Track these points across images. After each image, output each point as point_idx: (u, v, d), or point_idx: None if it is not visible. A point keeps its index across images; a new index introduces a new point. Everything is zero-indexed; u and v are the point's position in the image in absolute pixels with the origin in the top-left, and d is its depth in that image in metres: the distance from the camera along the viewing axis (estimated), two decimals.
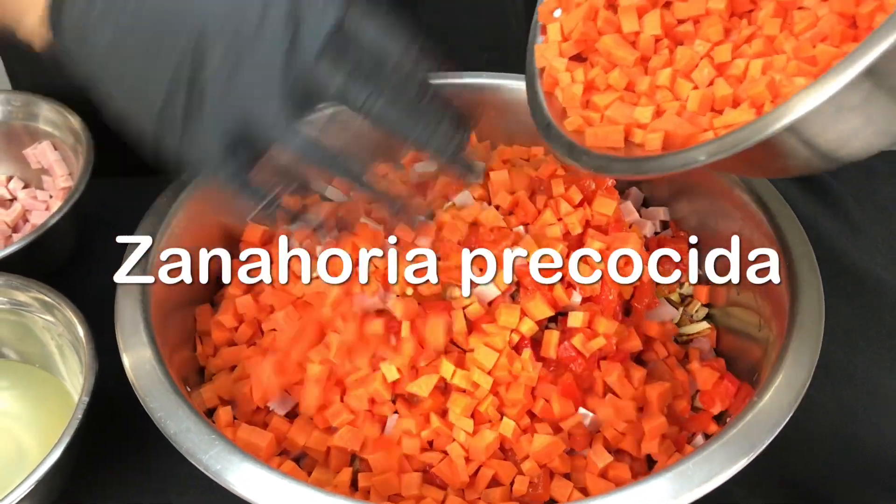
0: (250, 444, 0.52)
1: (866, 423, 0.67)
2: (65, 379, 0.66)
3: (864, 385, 0.69)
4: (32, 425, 0.64)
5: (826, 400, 0.67)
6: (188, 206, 0.61)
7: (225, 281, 0.63)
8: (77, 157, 0.79)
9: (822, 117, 0.39)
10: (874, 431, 0.66)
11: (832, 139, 0.41)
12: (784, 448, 0.63)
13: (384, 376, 0.54)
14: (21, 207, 0.82)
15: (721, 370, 0.58)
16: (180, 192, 0.61)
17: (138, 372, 0.50)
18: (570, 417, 0.54)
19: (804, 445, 0.65)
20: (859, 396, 0.68)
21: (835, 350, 0.69)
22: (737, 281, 0.59)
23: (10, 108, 0.82)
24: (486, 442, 0.52)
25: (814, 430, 0.66)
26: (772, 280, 0.56)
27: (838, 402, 0.68)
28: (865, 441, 0.66)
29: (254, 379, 0.55)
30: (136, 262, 0.57)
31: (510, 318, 0.55)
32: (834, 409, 0.67)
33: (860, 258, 0.78)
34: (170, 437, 0.46)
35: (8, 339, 0.67)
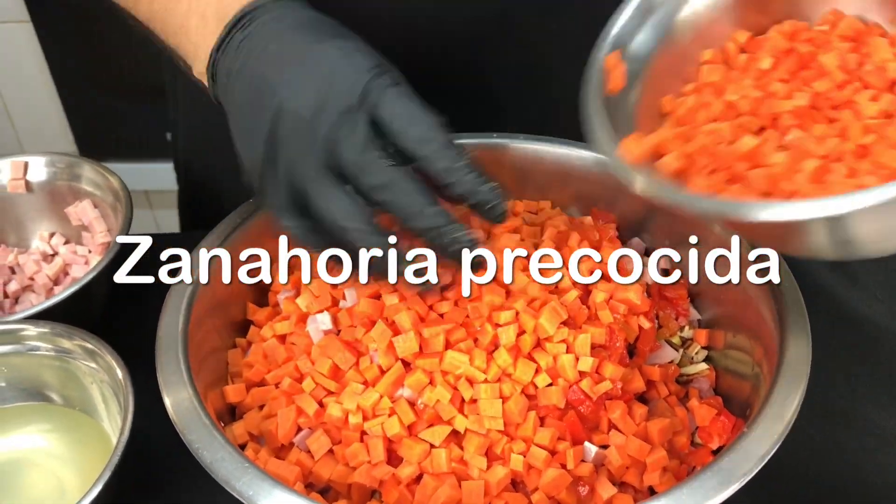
0: (279, 475, 0.56)
1: (867, 462, 0.70)
2: (104, 421, 0.70)
3: (864, 427, 0.72)
4: (73, 465, 0.68)
5: (827, 441, 0.70)
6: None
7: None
8: (116, 214, 0.84)
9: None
10: (875, 471, 0.69)
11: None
12: (784, 487, 0.67)
13: (401, 420, 0.57)
14: (62, 262, 0.87)
15: (718, 407, 0.62)
16: (216, 241, 0.66)
17: (178, 409, 0.54)
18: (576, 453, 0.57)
19: (804, 484, 0.68)
20: (860, 438, 0.71)
21: (835, 396, 0.73)
22: (737, 281, 0.62)
23: (54, 169, 0.88)
24: (498, 477, 0.56)
25: (813, 470, 0.69)
26: (772, 280, 0.59)
27: (838, 444, 0.71)
28: (866, 481, 0.68)
29: (280, 419, 0.59)
30: (135, 262, 0.64)
31: (525, 374, 0.58)
32: (834, 451, 0.70)
33: (859, 306, 0.81)
34: (206, 466, 0.50)
35: (53, 384, 0.71)
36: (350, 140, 0.54)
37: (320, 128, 0.54)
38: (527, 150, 0.76)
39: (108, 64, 1.81)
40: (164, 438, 0.61)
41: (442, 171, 0.54)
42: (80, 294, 0.75)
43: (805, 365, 0.56)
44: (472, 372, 0.58)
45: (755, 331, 0.63)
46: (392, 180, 0.53)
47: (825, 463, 0.70)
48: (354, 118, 0.54)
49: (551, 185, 0.77)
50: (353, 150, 0.54)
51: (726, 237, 0.66)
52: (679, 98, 0.60)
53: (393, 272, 0.55)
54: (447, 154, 0.54)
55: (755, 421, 0.52)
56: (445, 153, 0.54)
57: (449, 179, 0.54)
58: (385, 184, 0.53)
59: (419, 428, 0.58)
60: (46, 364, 0.70)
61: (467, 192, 0.55)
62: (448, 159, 0.54)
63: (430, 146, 0.54)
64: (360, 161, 0.53)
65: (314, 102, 0.54)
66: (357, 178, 0.54)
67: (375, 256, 0.54)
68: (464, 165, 0.54)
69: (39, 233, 0.90)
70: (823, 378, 0.62)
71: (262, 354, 0.64)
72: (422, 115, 0.54)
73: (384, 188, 0.53)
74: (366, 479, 0.57)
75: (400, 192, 0.53)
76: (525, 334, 0.59)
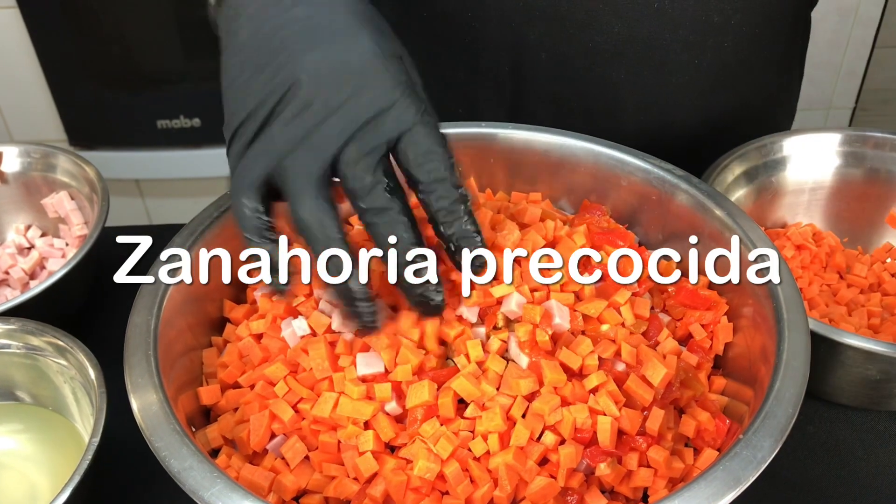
0: (253, 483, 0.54)
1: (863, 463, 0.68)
2: (77, 421, 0.68)
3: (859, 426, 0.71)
4: (45, 466, 0.66)
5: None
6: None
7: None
8: (92, 206, 0.82)
9: None
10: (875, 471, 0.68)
11: None
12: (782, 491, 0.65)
13: (377, 435, 0.55)
14: (38, 255, 0.85)
15: (714, 411, 0.59)
16: (189, 238, 0.63)
17: (145, 413, 0.51)
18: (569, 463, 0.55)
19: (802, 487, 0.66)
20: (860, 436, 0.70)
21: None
22: (737, 281, 0.61)
23: (29, 159, 0.86)
24: (481, 492, 0.53)
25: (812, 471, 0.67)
26: (771, 280, 0.58)
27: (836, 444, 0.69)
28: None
29: (252, 425, 0.57)
30: (135, 263, 0.59)
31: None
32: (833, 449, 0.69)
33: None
34: (173, 475, 0.48)
35: (23, 383, 0.69)
36: (363, 156, 0.52)
37: (335, 129, 0.52)
38: (516, 139, 0.73)
39: (97, 51, 1.78)
40: (137, 442, 0.58)
41: (442, 209, 0.53)
42: (56, 289, 0.72)
43: (804, 365, 0.53)
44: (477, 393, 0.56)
45: (752, 331, 0.60)
46: (389, 208, 0.52)
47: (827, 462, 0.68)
48: (373, 136, 0.52)
49: (541, 176, 0.74)
50: (362, 168, 0.51)
51: (721, 231, 0.64)
52: None
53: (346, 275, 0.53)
54: (453, 197, 0.53)
55: (753, 424, 0.50)
56: (452, 194, 0.53)
57: (445, 219, 0.54)
58: (378, 209, 0.52)
59: (401, 440, 0.55)
60: (16, 362, 0.68)
61: (456, 234, 0.54)
62: (453, 202, 0.53)
63: (440, 184, 0.53)
64: (366, 181, 0.52)
65: (336, 100, 0.52)
66: (355, 194, 0.52)
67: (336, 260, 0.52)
68: (466, 212, 0.54)
69: (15, 225, 0.88)
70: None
71: (237, 354, 0.62)
72: (440, 152, 0.53)
73: (376, 213, 0.52)
74: (339, 492, 0.54)
75: (392, 221, 0.52)
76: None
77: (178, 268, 0.60)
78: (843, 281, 0.81)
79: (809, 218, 0.85)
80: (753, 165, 0.81)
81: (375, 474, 0.54)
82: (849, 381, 0.68)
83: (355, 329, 0.59)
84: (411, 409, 0.55)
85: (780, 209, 0.84)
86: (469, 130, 0.74)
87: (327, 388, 0.57)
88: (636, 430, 0.55)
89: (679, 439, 0.58)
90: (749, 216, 0.64)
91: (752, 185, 0.81)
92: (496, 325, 0.60)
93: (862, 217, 0.85)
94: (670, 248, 0.70)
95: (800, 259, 0.80)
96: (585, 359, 0.57)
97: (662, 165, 0.69)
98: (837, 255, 0.82)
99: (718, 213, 0.65)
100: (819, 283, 0.79)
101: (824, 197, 0.85)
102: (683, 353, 0.61)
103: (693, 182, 0.68)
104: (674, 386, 0.58)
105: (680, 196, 0.68)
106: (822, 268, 0.81)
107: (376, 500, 0.53)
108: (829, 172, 0.84)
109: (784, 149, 0.83)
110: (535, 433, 0.55)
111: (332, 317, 0.60)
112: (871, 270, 0.81)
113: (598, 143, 0.72)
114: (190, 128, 1.83)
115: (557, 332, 0.59)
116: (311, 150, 0.52)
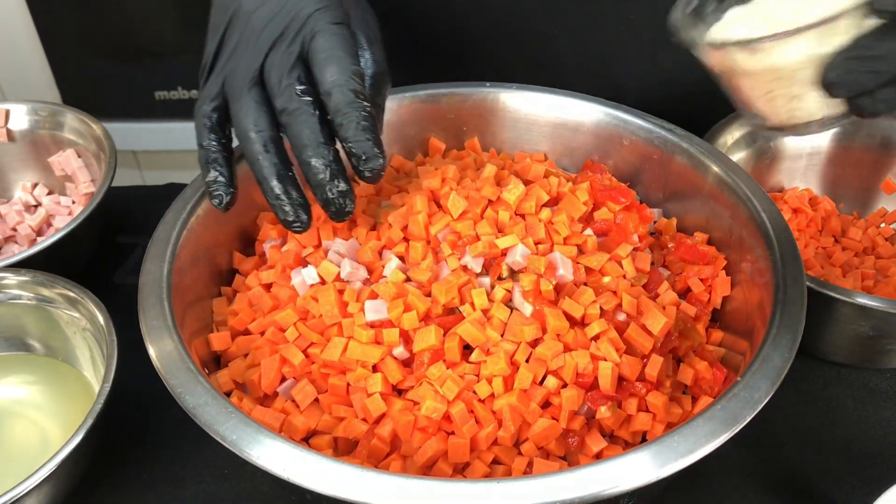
0: (264, 423, 0.54)
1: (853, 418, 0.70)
2: (87, 371, 0.69)
3: (851, 383, 0.73)
4: (56, 415, 0.67)
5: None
6: (207, 207, 0.64)
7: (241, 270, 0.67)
8: (100, 164, 0.82)
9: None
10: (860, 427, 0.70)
11: None
12: (775, 439, 0.67)
13: (385, 378, 0.56)
14: (45, 212, 0.85)
15: (711, 359, 0.61)
16: (200, 190, 0.64)
17: (161, 355, 0.52)
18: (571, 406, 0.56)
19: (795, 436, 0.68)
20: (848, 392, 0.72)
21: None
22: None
23: (36, 117, 0.86)
24: (486, 432, 0.55)
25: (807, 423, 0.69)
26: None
27: (828, 400, 0.71)
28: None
29: (263, 368, 0.58)
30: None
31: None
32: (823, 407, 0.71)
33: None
34: (189, 411, 0.49)
35: (35, 333, 0.70)
36: (279, 59, 0.56)
37: (264, 40, 0.57)
38: (520, 100, 0.74)
39: (96, 22, 1.77)
40: (148, 392, 0.60)
41: (338, 110, 0.55)
42: (63, 244, 0.73)
43: (801, 311, 0.55)
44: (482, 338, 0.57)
45: (750, 282, 0.62)
46: (298, 108, 0.55)
47: (819, 416, 0.70)
48: (290, 41, 0.56)
49: (544, 136, 0.75)
50: (277, 70, 0.56)
51: (719, 188, 0.66)
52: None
53: (272, 178, 0.56)
54: (349, 99, 0.54)
55: (750, 368, 0.51)
56: (348, 97, 0.55)
57: (339, 120, 0.55)
58: (290, 109, 0.55)
59: (408, 383, 0.57)
60: (28, 313, 0.69)
61: (350, 137, 0.55)
62: (348, 104, 0.54)
63: (338, 87, 0.55)
64: (280, 82, 0.56)
65: (266, 14, 0.57)
66: (272, 94, 0.56)
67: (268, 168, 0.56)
68: (359, 115, 0.55)
69: (22, 183, 0.89)
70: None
71: (247, 303, 0.63)
72: (344, 58, 0.55)
73: (288, 113, 0.55)
74: (348, 432, 0.56)
75: (301, 121, 0.55)
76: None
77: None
78: (837, 244, 0.82)
79: (806, 183, 0.87)
80: (752, 129, 0.82)
81: (383, 415, 0.55)
82: (843, 337, 0.70)
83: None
84: (418, 353, 0.57)
85: (777, 173, 0.86)
86: (472, 90, 0.75)
87: (336, 333, 0.58)
88: (636, 377, 0.57)
89: (677, 387, 0.60)
90: (749, 175, 0.66)
91: (750, 148, 0.82)
92: (500, 275, 0.61)
93: (858, 183, 0.86)
94: (671, 206, 0.72)
95: (796, 222, 0.82)
96: (587, 308, 0.59)
97: (664, 125, 0.70)
98: (833, 219, 0.83)
99: (717, 169, 0.66)
100: (815, 247, 0.80)
101: (821, 162, 0.86)
102: (682, 305, 0.63)
103: (695, 142, 0.69)
104: (672, 335, 0.60)
105: (680, 155, 0.69)
106: (817, 231, 0.83)
107: (384, 439, 0.54)
108: (827, 138, 0.85)
109: None
110: (538, 377, 0.56)
111: (341, 266, 0.61)
112: (865, 234, 0.82)
113: (601, 103, 0.73)
114: (188, 99, 1.82)
115: (561, 282, 0.61)
116: (245, 60, 0.57)
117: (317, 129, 0.55)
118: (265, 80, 0.57)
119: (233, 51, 0.59)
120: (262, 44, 0.57)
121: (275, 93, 0.56)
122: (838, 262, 0.79)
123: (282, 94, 0.55)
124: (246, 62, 0.57)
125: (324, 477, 0.45)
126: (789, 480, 0.65)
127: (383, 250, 0.63)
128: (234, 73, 0.57)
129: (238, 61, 0.58)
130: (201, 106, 0.59)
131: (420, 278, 0.60)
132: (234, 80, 0.57)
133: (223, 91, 0.58)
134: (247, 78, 0.57)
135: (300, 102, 0.55)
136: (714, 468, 0.65)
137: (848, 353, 0.72)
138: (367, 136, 0.54)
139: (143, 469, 0.66)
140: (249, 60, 0.57)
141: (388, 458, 0.55)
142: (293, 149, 0.56)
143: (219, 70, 0.59)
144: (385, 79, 0.61)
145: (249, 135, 0.56)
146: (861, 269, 0.78)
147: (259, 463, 0.46)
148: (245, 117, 0.56)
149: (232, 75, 0.58)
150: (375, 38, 0.61)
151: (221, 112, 0.59)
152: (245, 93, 0.56)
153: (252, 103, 0.56)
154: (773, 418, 0.68)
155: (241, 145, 0.57)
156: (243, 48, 0.58)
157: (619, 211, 0.67)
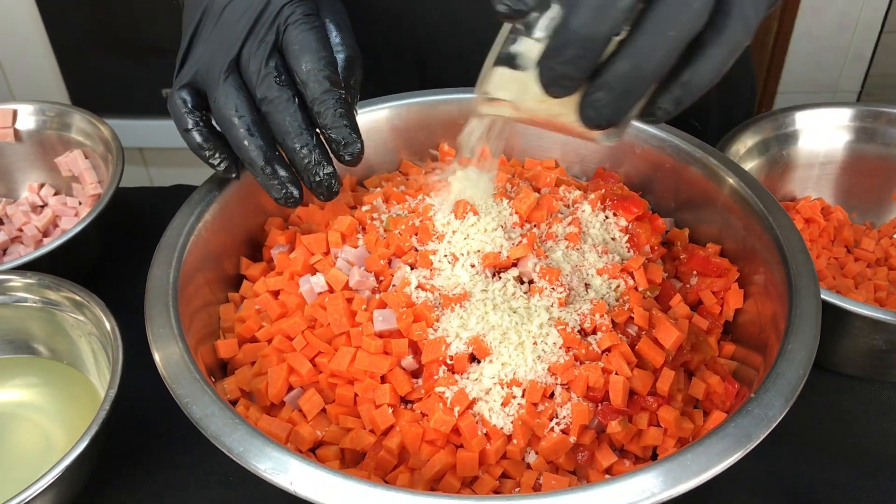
0: (271, 433, 0.54)
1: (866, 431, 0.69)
2: (93, 376, 0.69)
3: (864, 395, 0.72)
4: (60, 419, 0.67)
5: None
6: (216, 212, 0.63)
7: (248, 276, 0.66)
8: (107, 165, 0.82)
9: None
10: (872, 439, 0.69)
11: None
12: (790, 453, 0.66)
13: (394, 389, 0.56)
14: (52, 213, 0.85)
15: (723, 374, 0.60)
16: (209, 195, 0.64)
17: (167, 363, 0.52)
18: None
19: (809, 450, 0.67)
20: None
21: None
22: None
23: (44, 118, 0.85)
24: (495, 446, 0.54)
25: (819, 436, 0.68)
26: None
27: (841, 413, 0.70)
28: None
29: (270, 377, 0.58)
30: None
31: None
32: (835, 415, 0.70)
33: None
34: (195, 422, 0.48)
35: (40, 337, 0.70)
36: (256, 49, 0.58)
37: (237, 31, 0.59)
38: None
39: (103, 20, 1.77)
40: (153, 397, 0.59)
41: (314, 99, 0.58)
42: (70, 246, 0.73)
43: (815, 327, 0.54)
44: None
45: (763, 295, 0.61)
46: (278, 97, 0.57)
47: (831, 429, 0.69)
48: (264, 31, 0.58)
49: (555, 143, 0.74)
50: (256, 60, 0.58)
51: (734, 200, 0.65)
52: None
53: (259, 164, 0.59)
54: (324, 88, 0.57)
55: (764, 384, 0.51)
56: (324, 85, 0.57)
57: (317, 108, 0.58)
58: (270, 98, 0.57)
59: (416, 395, 0.56)
60: (33, 316, 0.68)
61: (328, 124, 0.58)
62: (323, 92, 0.57)
63: (313, 76, 0.57)
64: (259, 71, 0.58)
65: (239, 6, 0.59)
66: (252, 85, 0.58)
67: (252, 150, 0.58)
68: (335, 102, 0.58)
69: (29, 183, 0.88)
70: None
71: (254, 310, 0.62)
72: (317, 48, 0.58)
73: (269, 101, 0.58)
74: (356, 444, 0.55)
75: (282, 109, 0.57)
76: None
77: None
78: (850, 255, 0.81)
79: (819, 192, 0.86)
80: (765, 138, 0.81)
81: (391, 427, 0.55)
82: (855, 350, 0.69)
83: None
84: (427, 365, 0.56)
85: (790, 182, 0.85)
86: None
87: (344, 342, 0.57)
88: (647, 391, 0.56)
89: (689, 401, 0.59)
90: (762, 185, 0.65)
91: (763, 157, 0.81)
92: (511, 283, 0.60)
93: (871, 193, 0.86)
94: (683, 215, 0.71)
95: (808, 232, 0.81)
96: (597, 321, 0.58)
97: (677, 133, 0.69)
98: (846, 229, 0.82)
99: (731, 181, 0.65)
100: (827, 257, 0.80)
101: (834, 171, 0.85)
102: (694, 317, 0.62)
103: (708, 151, 0.68)
104: (684, 349, 0.59)
105: (693, 165, 0.68)
106: (830, 241, 0.82)
107: (392, 451, 0.54)
108: (840, 147, 0.85)
109: (797, 122, 0.83)
110: (549, 391, 0.55)
111: (350, 274, 0.61)
112: (878, 245, 0.81)
113: None
114: None
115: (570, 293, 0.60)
116: (221, 50, 0.59)
117: (298, 115, 0.58)
118: (242, 70, 0.59)
119: (206, 43, 0.60)
120: (237, 34, 0.59)
121: (254, 82, 0.58)
122: (851, 273, 0.78)
123: (261, 84, 0.58)
124: (222, 52, 0.59)
125: (331, 492, 0.44)
126: (799, 492, 0.64)
127: (392, 258, 0.63)
128: (211, 62, 0.59)
129: (213, 52, 0.59)
130: (175, 92, 0.60)
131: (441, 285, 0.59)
132: (212, 69, 0.59)
133: (196, 79, 0.60)
134: (223, 67, 0.58)
135: (280, 91, 0.58)
136: (723, 478, 0.64)
137: (860, 366, 0.71)
138: (345, 122, 0.58)
139: (148, 475, 0.65)
140: (226, 50, 0.59)
141: (396, 471, 0.54)
142: (276, 136, 0.59)
143: (193, 62, 0.61)
144: (356, 62, 0.63)
145: (233, 121, 0.58)
146: (874, 280, 0.77)
147: (266, 476, 0.46)
148: (226, 104, 0.58)
149: (208, 65, 0.59)
150: (345, 24, 0.64)
151: (195, 97, 0.60)
152: (223, 81, 0.58)
153: (231, 90, 0.58)
154: (783, 430, 0.67)
155: (225, 132, 0.59)
156: (218, 40, 0.60)
157: (632, 221, 0.66)
